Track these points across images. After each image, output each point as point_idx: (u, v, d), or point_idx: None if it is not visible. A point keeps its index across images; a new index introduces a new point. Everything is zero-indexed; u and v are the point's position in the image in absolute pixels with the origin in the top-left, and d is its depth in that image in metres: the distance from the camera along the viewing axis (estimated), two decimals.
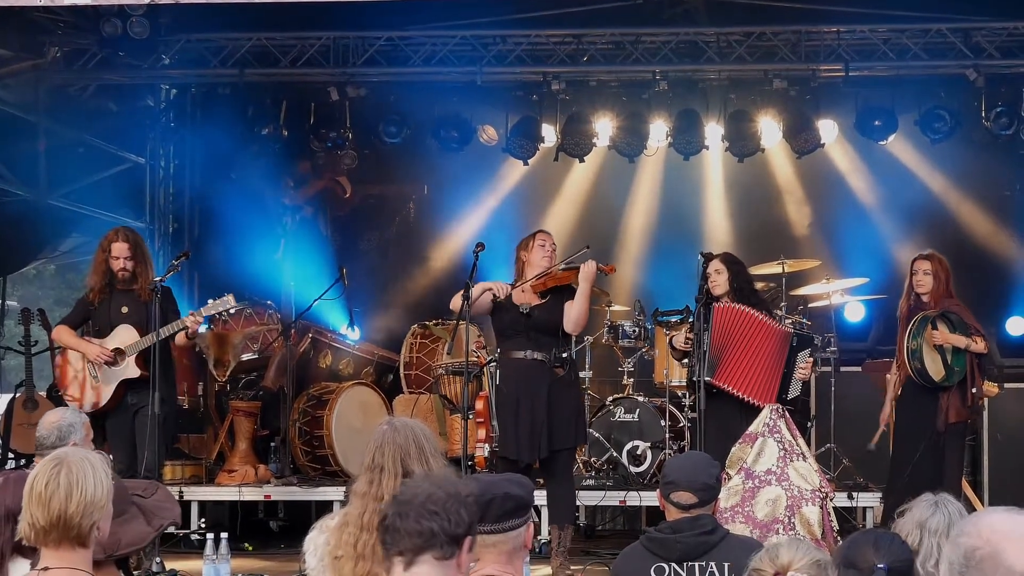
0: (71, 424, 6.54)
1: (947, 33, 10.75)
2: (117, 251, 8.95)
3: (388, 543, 3.27)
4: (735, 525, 7.64)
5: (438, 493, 3.27)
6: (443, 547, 3.24)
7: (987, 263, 12.58)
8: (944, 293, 9.06)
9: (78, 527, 3.35)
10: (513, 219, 12.43)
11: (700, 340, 8.45)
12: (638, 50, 11.19)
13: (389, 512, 3.28)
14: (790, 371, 8.61)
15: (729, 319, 8.58)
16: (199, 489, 10.36)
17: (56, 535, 3.36)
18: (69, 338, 9.08)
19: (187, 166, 12.97)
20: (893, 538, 3.62)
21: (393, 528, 3.25)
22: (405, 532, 3.24)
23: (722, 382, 8.48)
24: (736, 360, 8.53)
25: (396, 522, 3.25)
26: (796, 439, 8.11)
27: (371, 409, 11.03)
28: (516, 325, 8.44)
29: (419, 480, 3.42)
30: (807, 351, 8.70)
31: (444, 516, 3.24)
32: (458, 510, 3.27)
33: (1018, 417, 10.94)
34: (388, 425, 4.47)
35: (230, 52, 11.16)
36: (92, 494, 3.36)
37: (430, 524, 3.23)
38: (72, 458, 3.41)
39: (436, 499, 3.26)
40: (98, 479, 3.39)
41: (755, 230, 12.81)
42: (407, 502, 3.26)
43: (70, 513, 3.34)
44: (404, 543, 3.24)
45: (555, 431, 8.35)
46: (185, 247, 11.39)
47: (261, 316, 11.39)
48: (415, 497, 3.26)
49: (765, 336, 8.62)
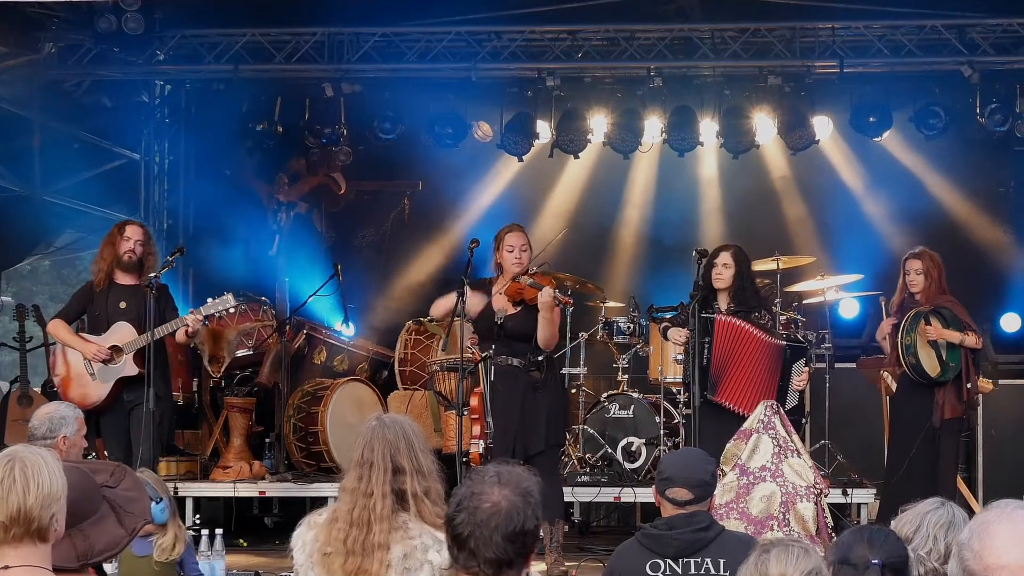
0: (63, 417, 6.55)
1: (942, 29, 10.76)
2: (131, 232, 9.02)
3: (462, 561, 3.23)
4: (730, 521, 7.64)
5: (514, 505, 3.21)
6: (517, 566, 3.24)
7: (981, 259, 12.59)
8: (937, 290, 9.07)
9: (38, 520, 3.34)
10: (508, 215, 12.39)
11: (700, 351, 8.46)
12: (633, 46, 11.19)
13: (465, 530, 3.22)
14: (786, 383, 8.62)
15: (731, 336, 8.58)
16: (194, 485, 10.37)
17: (17, 531, 3.35)
18: (66, 335, 9.03)
19: (182, 162, 12.95)
20: (887, 534, 3.63)
21: (468, 549, 3.21)
22: (484, 559, 3.20)
23: (723, 400, 8.51)
24: (737, 377, 8.55)
25: (471, 544, 3.19)
26: (791, 435, 8.11)
27: (366, 405, 11.03)
28: (491, 332, 8.46)
29: (488, 484, 3.28)
30: (802, 361, 8.69)
31: (520, 542, 3.21)
32: (534, 526, 3.23)
33: (1012, 413, 10.97)
34: (377, 421, 4.46)
35: (225, 48, 11.14)
36: (49, 486, 3.36)
37: (508, 548, 3.19)
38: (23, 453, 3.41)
39: (514, 516, 3.20)
40: (52, 472, 3.39)
41: (749, 226, 12.80)
42: (484, 523, 3.19)
43: (29, 506, 3.33)
44: (483, 568, 3.21)
45: (528, 435, 8.37)
46: (179, 243, 11.36)
47: (256, 312, 11.38)
48: (494, 516, 3.20)
49: (763, 352, 8.61)
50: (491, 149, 12.32)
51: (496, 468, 3.30)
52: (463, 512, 3.22)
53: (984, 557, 2.82)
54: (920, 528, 3.99)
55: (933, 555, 3.93)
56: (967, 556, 2.85)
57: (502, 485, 3.23)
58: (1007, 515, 2.86)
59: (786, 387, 8.60)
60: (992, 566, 2.80)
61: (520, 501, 3.22)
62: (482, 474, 3.28)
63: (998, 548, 2.81)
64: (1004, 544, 2.81)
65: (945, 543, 3.91)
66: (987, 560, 2.81)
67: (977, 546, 2.84)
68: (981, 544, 2.84)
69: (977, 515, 2.97)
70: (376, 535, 4.29)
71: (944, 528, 3.98)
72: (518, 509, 3.20)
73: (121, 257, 8.96)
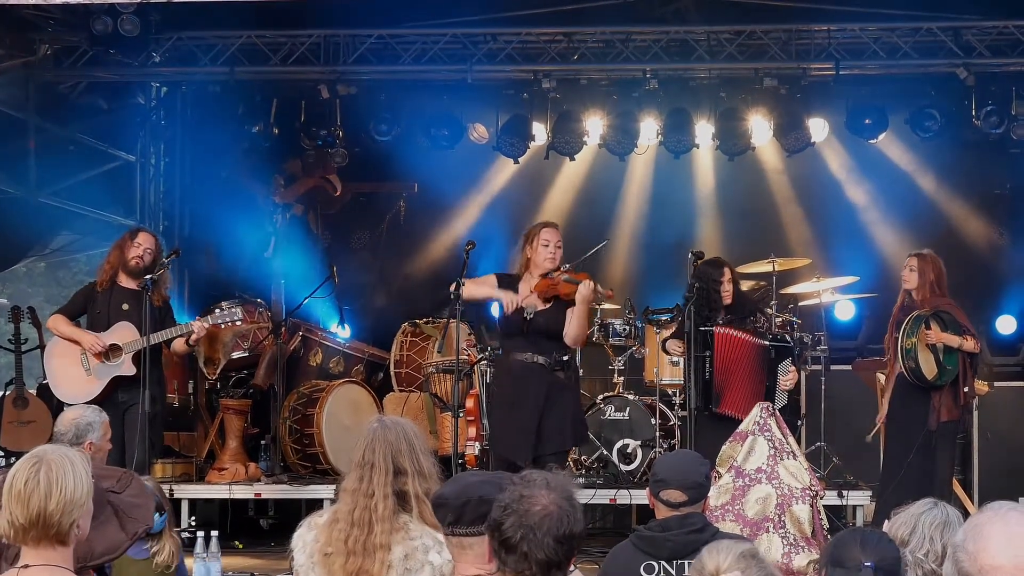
0: (90, 423, 6.51)
1: (937, 32, 10.76)
2: (142, 240, 9.11)
3: (512, 564, 3.27)
4: (725, 523, 7.64)
5: (563, 509, 3.28)
6: (564, 568, 3.30)
7: (977, 262, 12.61)
8: (934, 292, 9.07)
9: (58, 525, 3.33)
10: (504, 217, 12.44)
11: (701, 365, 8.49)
12: (629, 48, 11.19)
13: (517, 534, 3.26)
14: (773, 383, 8.62)
15: (730, 346, 8.64)
16: (189, 487, 10.36)
17: (35, 533, 3.34)
18: (65, 327, 9.10)
19: (177, 164, 12.95)
20: (880, 536, 3.63)
21: (520, 552, 3.25)
22: (535, 561, 3.25)
23: (727, 410, 8.55)
24: (737, 386, 8.60)
25: (524, 547, 3.25)
26: (786, 437, 8.12)
27: (361, 407, 11.03)
28: (518, 327, 8.36)
29: (537, 488, 3.34)
30: (788, 360, 8.68)
31: (569, 544, 3.28)
32: (580, 528, 3.31)
33: (1008, 416, 10.98)
34: (379, 423, 4.50)
35: (220, 50, 11.14)
36: (72, 492, 3.34)
37: (559, 549, 3.26)
38: (52, 455, 3.39)
39: (564, 519, 3.27)
40: (78, 477, 3.37)
41: (745, 228, 12.83)
42: (536, 526, 3.25)
43: (49, 511, 3.32)
44: (536, 571, 3.27)
45: (546, 434, 8.30)
46: (175, 245, 11.36)
47: (251, 314, 11.36)
48: (546, 519, 3.25)
49: (755, 356, 8.67)
50: (487, 151, 12.31)
51: (542, 473, 3.39)
52: (512, 515, 3.28)
53: (978, 559, 2.83)
54: (915, 530, 4.00)
55: (930, 556, 3.93)
56: (962, 558, 2.86)
57: (550, 489, 3.32)
58: (1001, 517, 2.87)
59: (774, 387, 8.61)
60: (986, 567, 2.81)
61: (567, 505, 3.31)
62: (529, 479, 3.35)
63: (992, 550, 2.82)
64: (998, 546, 2.82)
65: (941, 543, 3.91)
66: (981, 562, 2.82)
67: (971, 548, 2.84)
68: (975, 546, 2.84)
69: (971, 517, 2.98)
70: (377, 536, 4.32)
71: (940, 528, 3.98)
72: (567, 512, 3.29)
73: (128, 262, 9.01)
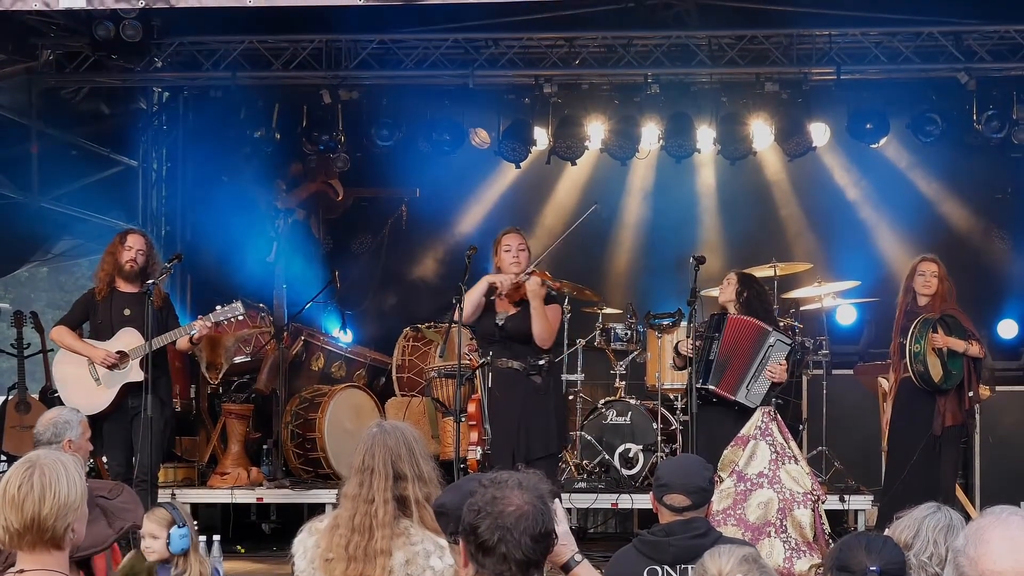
0: (67, 421, 6.56)
1: (938, 36, 10.76)
2: (132, 241, 8.98)
3: (491, 567, 3.25)
4: (727, 528, 7.65)
5: (537, 508, 3.25)
6: (541, 566, 3.28)
7: (979, 266, 12.60)
8: (944, 298, 9.08)
9: (52, 529, 3.34)
10: (505, 222, 12.36)
11: (708, 347, 8.49)
12: (630, 53, 11.20)
13: (493, 536, 3.23)
14: (761, 368, 8.57)
15: (739, 329, 8.63)
16: (191, 491, 10.38)
17: (30, 538, 3.35)
18: (71, 340, 8.98)
19: (179, 169, 12.95)
20: (885, 541, 3.64)
21: (499, 553, 3.22)
22: (514, 561, 3.22)
23: (723, 390, 8.52)
24: (736, 366, 8.57)
25: (501, 548, 3.22)
26: (788, 442, 8.13)
27: (363, 412, 11.04)
28: (492, 334, 8.39)
29: (509, 489, 3.31)
30: (782, 354, 8.64)
31: (545, 542, 3.25)
32: (553, 526, 3.28)
33: (1009, 420, 10.98)
34: (378, 428, 4.49)
35: (222, 55, 11.15)
36: (66, 496, 3.35)
37: (536, 548, 3.23)
38: (45, 460, 3.40)
39: (539, 518, 3.24)
40: (71, 481, 3.38)
41: (747, 233, 12.82)
42: (512, 527, 3.22)
43: (43, 516, 3.33)
44: (515, 571, 3.24)
45: (530, 440, 8.30)
46: (177, 250, 11.37)
47: (254, 319, 11.38)
48: (521, 519, 3.23)
49: (755, 337, 8.65)
50: (488, 156, 12.32)
51: (512, 474, 3.34)
52: (487, 518, 3.24)
53: (979, 563, 2.83)
54: (919, 533, 3.99)
55: (934, 560, 3.93)
56: (963, 562, 2.86)
57: (523, 489, 3.27)
58: (1002, 521, 2.87)
59: (760, 371, 8.55)
60: (987, 572, 2.81)
61: (540, 503, 3.27)
62: (499, 480, 3.31)
63: (993, 554, 2.82)
64: (999, 550, 2.82)
65: (945, 547, 3.91)
66: (982, 566, 2.82)
67: (972, 552, 2.85)
68: (976, 551, 2.84)
69: (972, 521, 2.98)
70: (378, 541, 4.31)
71: (943, 532, 3.98)
72: (540, 511, 3.25)
73: (123, 266, 8.92)
